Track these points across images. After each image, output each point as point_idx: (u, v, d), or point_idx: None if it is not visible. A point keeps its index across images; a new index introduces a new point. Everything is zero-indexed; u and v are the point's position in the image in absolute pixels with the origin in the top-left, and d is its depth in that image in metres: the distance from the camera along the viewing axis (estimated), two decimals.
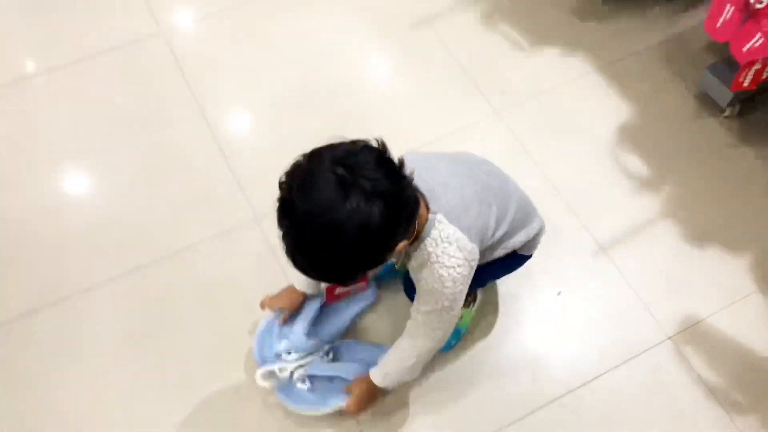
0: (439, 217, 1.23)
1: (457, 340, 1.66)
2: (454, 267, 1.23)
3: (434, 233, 1.22)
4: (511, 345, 1.69)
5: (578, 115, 2.07)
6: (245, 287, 1.74)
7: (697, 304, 1.75)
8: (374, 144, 1.11)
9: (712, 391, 1.63)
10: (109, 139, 1.99)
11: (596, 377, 1.64)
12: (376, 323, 1.71)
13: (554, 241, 1.80)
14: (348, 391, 1.51)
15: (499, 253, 1.42)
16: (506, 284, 1.73)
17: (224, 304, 1.73)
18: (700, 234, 1.85)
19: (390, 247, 1.12)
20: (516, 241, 1.44)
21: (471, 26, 2.24)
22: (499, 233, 1.36)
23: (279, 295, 1.60)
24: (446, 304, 1.28)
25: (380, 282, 1.73)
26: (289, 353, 1.59)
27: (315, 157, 1.09)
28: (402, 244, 1.15)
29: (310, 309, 1.61)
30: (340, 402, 1.53)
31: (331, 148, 1.09)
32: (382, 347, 1.59)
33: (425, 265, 1.24)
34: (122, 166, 1.95)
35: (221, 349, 1.66)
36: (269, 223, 1.78)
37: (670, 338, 1.70)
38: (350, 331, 1.68)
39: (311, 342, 1.58)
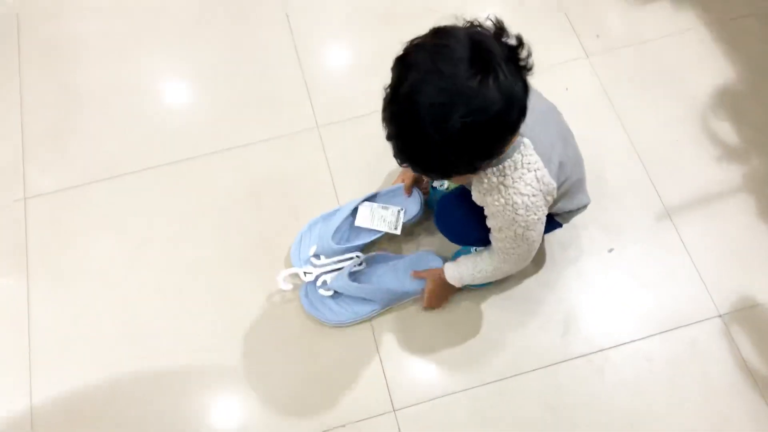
0: (526, 141, 1.17)
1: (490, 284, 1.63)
2: (528, 195, 1.18)
3: (516, 156, 1.16)
4: (549, 293, 1.63)
5: (674, 71, 1.92)
6: (293, 191, 1.76)
7: (758, 287, 1.64)
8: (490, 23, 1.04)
9: (753, 377, 1.54)
10: (194, 26, 2.02)
11: (630, 341, 1.58)
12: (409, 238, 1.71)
13: (618, 196, 1.74)
14: (415, 276, 1.58)
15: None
16: (557, 233, 1.64)
17: (270, 203, 1.75)
18: None
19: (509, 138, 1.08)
20: (566, 204, 1.37)
21: None
22: (564, 188, 1.30)
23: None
24: (519, 231, 1.23)
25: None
26: (318, 257, 1.61)
27: (444, 32, 1.03)
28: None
29: (342, 214, 1.62)
30: (365, 310, 1.57)
31: (454, 28, 1.03)
32: (412, 257, 1.63)
33: (497, 188, 1.18)
34: (200, 54, 1.98)
35: (258, 244, 1.70)
36: (327, 134, 1.81)
37: (720, 316, 1.60)
38: (380, 242, 1.68)
39: (337, 247, 1.59)
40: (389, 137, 1.07)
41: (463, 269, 1.45)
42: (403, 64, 1.03)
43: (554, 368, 1.56)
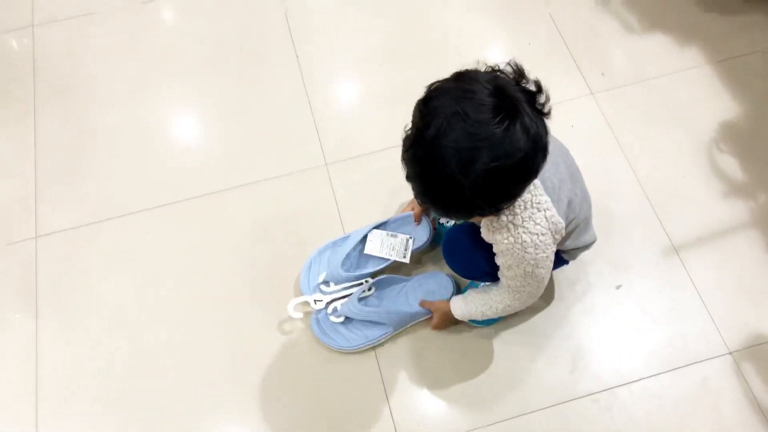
0: (536, 181, 1.18)
1: (499, 319, 1.63)
2: (537, 234, 1.19)
3: (527, 196, 1.17)
4: (557, 329, 1.63)
5: (680, 108, 1.94)
6: (302, 226, 1.77)
7: None
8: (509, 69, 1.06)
9: (765, 415, 1.52)
10: (205, 67, 2.06)
11: (639, 379, 1.56)
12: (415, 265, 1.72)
13: (625, 232, 1.74)
14: (421, 305, 1.59)
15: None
16: (565, 270, 1.66)
17: (280, 237, 1.76)
18: None
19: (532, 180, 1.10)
20: (574, 242, 1.38)
21: (585, 3, 2.15)
22: (571, 225, 1.31)
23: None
24: (528, 269, 1.24)
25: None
26: (328, 284, 1.62)
27: (467, 77, 1.04)
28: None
29: (352, 241, 1.64)
30: (376, 334, 1.58)
31: (477, 72, 1.05)
32: (419, 277, 1.65)
33: (507, 227, 1.20)
34: (211, 94, 2.01)
35: (268, 277, 1.71)
36: (335, 170, 1.83)
37: (731, 353, 1.59)
38: (390, 270, 1.68)
39: (346, 274, 1.60)
40: (410, 178, 1.08)
41: (471, 306, 1.45)
42: (428, 108, 1.03)
43: (562, 406, 1.54)
